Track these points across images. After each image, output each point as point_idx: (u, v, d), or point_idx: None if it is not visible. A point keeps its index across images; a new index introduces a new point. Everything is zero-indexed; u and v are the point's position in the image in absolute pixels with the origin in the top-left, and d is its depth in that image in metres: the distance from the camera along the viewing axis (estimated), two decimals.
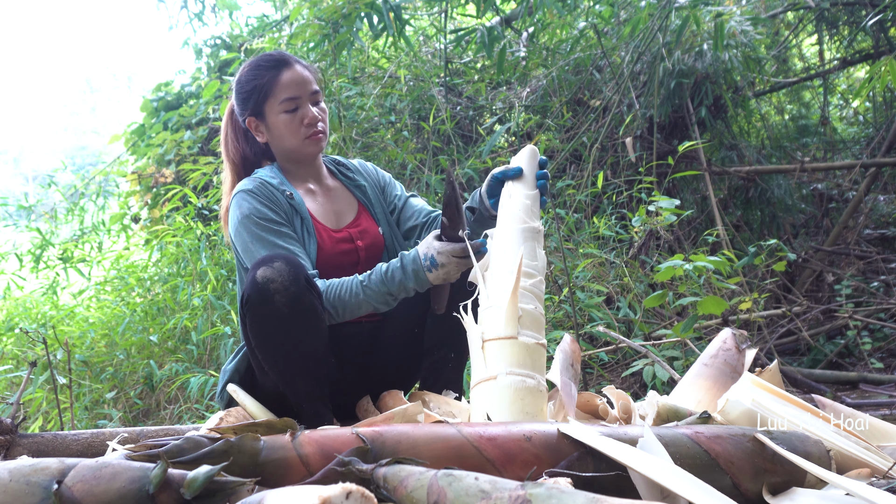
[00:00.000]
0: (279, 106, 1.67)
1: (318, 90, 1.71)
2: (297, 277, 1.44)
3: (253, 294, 1.44)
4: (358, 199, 1.83)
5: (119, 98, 27.04)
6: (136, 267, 3.88)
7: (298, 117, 1.68)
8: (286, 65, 1.68)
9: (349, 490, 0.75)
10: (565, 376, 1.46)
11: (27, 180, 19.73)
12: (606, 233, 3.32)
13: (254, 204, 1.62)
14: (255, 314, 1.47)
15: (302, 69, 1.69)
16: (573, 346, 1.58)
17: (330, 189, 1.82)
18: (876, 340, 3.41)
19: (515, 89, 4.44)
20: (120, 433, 1.56)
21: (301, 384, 1.52)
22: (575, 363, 1.54)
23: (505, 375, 1.29)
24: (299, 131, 1.68)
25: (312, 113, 1.68)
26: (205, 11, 5.57)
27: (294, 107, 1.67)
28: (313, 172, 1.80)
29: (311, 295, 1.48)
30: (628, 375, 2.70)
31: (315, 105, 1.70)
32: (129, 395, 3.10)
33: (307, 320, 1.47)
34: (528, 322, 1.37)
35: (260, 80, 1.67)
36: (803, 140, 5.28)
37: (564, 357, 1.52)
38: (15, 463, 0.87)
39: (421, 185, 3.82)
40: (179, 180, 4.71)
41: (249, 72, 1.70)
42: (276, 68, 1.67)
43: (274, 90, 1.66)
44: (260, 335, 1.50)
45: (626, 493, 0.91)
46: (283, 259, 1.45)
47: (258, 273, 1.43)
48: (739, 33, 3.80)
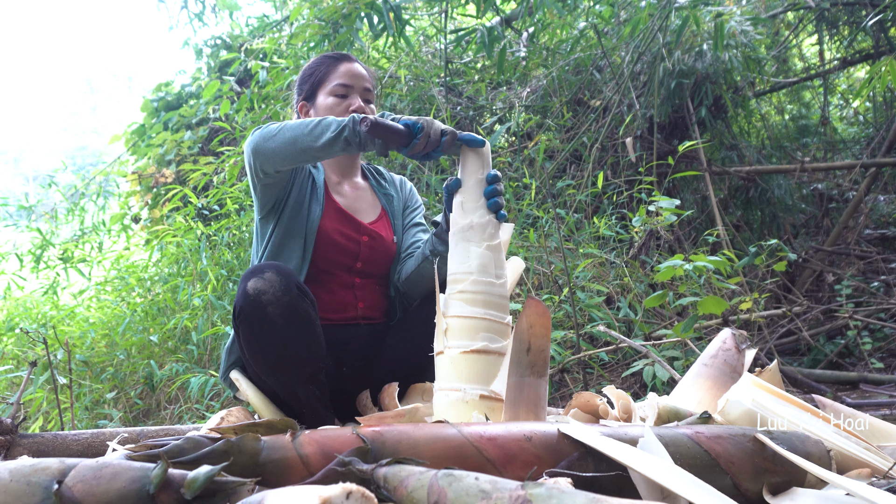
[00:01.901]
0: (331, 89, 1.73)
1: (372, 90, 1.78)
2: (289, 286, 1.43)
3: (245, 306, 1.42)
4: (382, 206, 1.85)
5: (119, 98, 27.08)
6: (136, 267, 3.88)
7: (345, 104, 1.73)
8: (348, 59, 1.77)
9: (349, 490, 0.75)
10: (514, 376, 1.27)
11: (27, 180, 19.74)
12: (607, 233, 3.32)
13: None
14: (248, 326, 1.45)
15: (361, 67, 1.78)
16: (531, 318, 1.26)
17: (358, 187, 1.84)
18: (876, 340, 3.41)
19: (515, 89, 4.44)
20: (120, 433, 1.56)
21: (300, 390, 1.52)
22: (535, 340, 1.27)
23: (437, 392, 1.35)
24: (343, 116, 1.66)
25: (360, 103, 1.73)
26: (205, 12, 5.56)
27: (344, 93, 1.73)
28: (346, 166, 1.83)
29: (305, 302, 1.47)
30: (628, 375, 2.70)
31: (366, 101, 1.76)
32: (129, 395, 3.10)
33: (302, 328, 1.46)
34: (456, 332, 1.34)
35: (319, 67, 1.76)
36: (803, 140, 5.28)
37: (518, 344, 1.28)
38: (15, 463, 0.87)
39: (421, 186, 3.82)
40: (180, 180, 4.71)
41: (313, 62, 1.80)
42: (338, 60, 1.77)
43: (330, 76, 1.74)
44: (255, 346, 1.49)
45: (627, 493, 0.91)
46: (274, 269, 1.43)
47: (249, 285, 1.41)
48: (739, 33, 3.80)
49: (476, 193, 1.43)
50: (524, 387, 1.26)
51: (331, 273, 1.71)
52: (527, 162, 3.93)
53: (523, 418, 1.24)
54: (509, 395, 1.27)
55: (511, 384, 1.27)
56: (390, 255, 1.80)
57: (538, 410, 1.26)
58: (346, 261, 1.72)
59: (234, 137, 4.13)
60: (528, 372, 1.27)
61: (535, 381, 1.27)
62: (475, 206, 1.42)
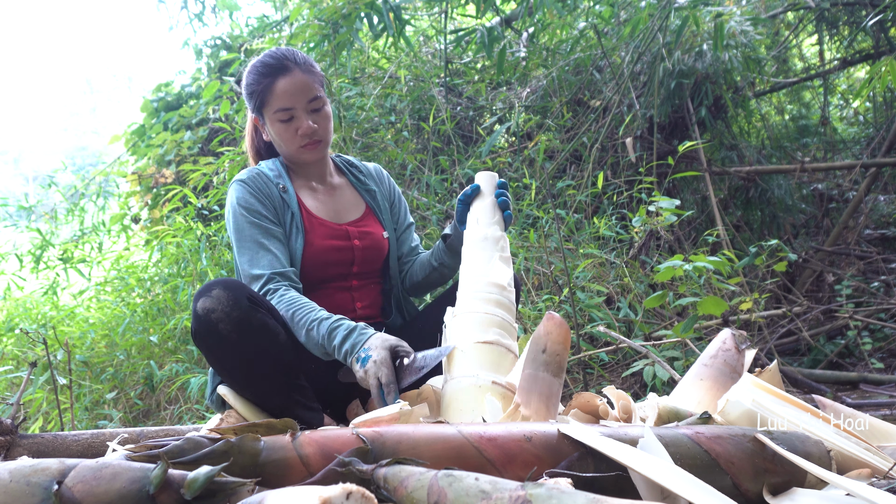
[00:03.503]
0: (274, 115, 1.65)
1: (319, 96, 1.66)
2: (238, 300, 1.40)
3: (198, 328, 1.40)
4: (366, 202, 1.83)
5: (119, 98, 27.08)
6: (136, 267, 3.88)
7: (293, 127, 1.65)
8: (283, 71, 1.63)
9: (349, 490, 0.75)
10: (528, 369, 1.31)
11: (27, 181, 19.74)
12: (607, 233, 3.32)
13: (244, 194, 1.64)
14: (206, 347, 1.44)
15: (302, 74, 1.64)
16: (549, 327, 1.33)
17: (335, 187, 1.81)
18: (876, 340, 3.41)
19: (515, 89, 4.44)
20: (120, 434, 1.56)
21: (277, 399, 1.49)
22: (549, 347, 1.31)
23: (448, 382, 1.41)
24: (293, 140, 1.67)
25: (307, 124, 1.64)
26: (205, 12, 5.57)
27: (288, 117, 1.64)
28: (316, 171, 1.79)
29: (258, 312, 1.43)
30: (628, 375, 2.70)
31: (315, 112, 1.66)
32: (129, 395, 3.10)
33: (260, 339, 1.43)
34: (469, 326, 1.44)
35: (257, 86, 1.65)
36: (803, 140, 5.28)
37: (535, 348, 1.33)
38: (15, 463, 0.87)
39: (421, 186, 3.82)
40: (179, 181, 4.71)
41: (250, 74, 1.67)
42: (272, 75, 1.63)
43: (269, 99, 1.64)
44: (219, 366, 1.48)
45: (627, 493, 0.90)
46: (221, 285, 1.41)
47: (198, 305, 1.39)
48: (739, 33, 3.80)
49: (490, 210, 1.59)
50: (538, 379, 1.28)
51: (328, 281, 1.72)
52: (527, 162, 3.93)
53: (535, 407, 1.24)
54: (522, 384, 1.28)
55: (525, 374, 1.29)
56: (383, 251, 1.79)
57: (549, 405, 1.27)
58: (342, 269, 1.73)
59: (233, 138, 4.13)
60: (542, 368, 1.29)
61: (549, 378, 1.28)
62: (490, 222, 1.58)
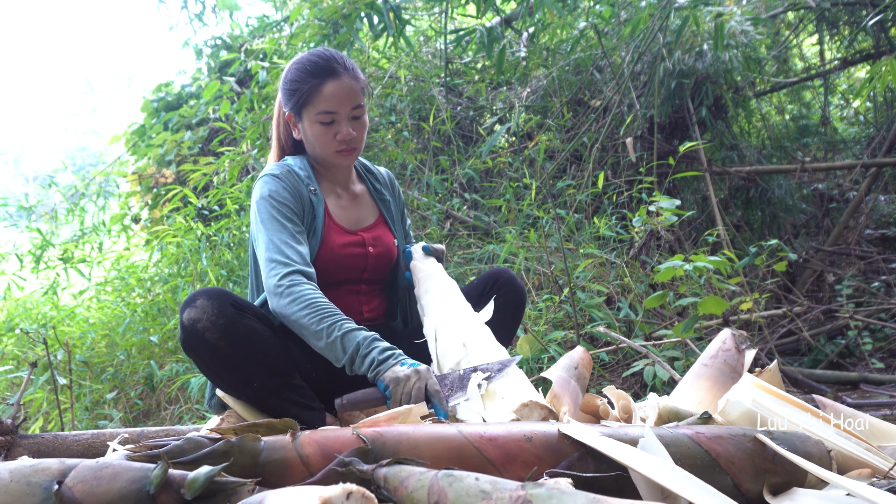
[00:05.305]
0: (316, 116, 1.63)
1: (362, 104, 1.65)
2: (222, 308, 1.40)
3: (186, 338, 1.41)
4: (380, 210, 1.85)
5: (119, 98, 27.11)
6: (136, 267, 3.88)
7: (332, 131, 1.64)
8: (333, 74, 1.61)
9: (350, 490, 0.75)
10: (563, 372, 1.50)
11: (27, 181, 19.76)
12: (607, 233, 3.32)
13: (278, 188, 1.62)
14: (196, 357, 1.44)
15: (349, 80, 1.63)
16: (583, 355, 1.61)
17: (356, 195, 1.83)
18: (877, 341, 3.40)
19: (516, 89, 4.44)
20: (120, 434, 1.56)
21: (273, 401, 1.50)
22: (581, 367, 1.56)
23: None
24: (331, 145, 1.65)
25: (347, 130, 1.64)
26: (205, 12, 5.58)
27: (330, 120, 1.63)
28: (342, 177, 1.80)
29: (244, 317, 1.44)
30: (629, 375, 2.70)
31: (355, 119, 1.66)
32: (129, 395, 3.10)
33: (249, 345, 1.43)
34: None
35: (303, 85, 1.62)
36: (804, 140, 5.27)
37: (569, 360, 1.57)
38: (15, 463, 0.87)
39: (421, 186, 3.82)
40: (180, 181, 4.72)
41: (296, 71, 1.64)
42: (320, 76, 1.61)
43: (314, 100, 1.62)
44: (211, 374, 1.49)
45: (627, 493, 0.90)
46: (204, 294, 1.41)
47: (184, 317, 1.40)
48: (739, 33, 3.80)
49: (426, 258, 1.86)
50: (570, 383, 1.47)
51: (339, 284, 1.73)
52: (527, 162, 3.93)
53: (568, 402, 1.41)
54: (558, 381, 1.45)
55: (559, 377, 1.47)
56: (392, 258, 1.82)
57: (575, 406, 1.44)
58: (355, 274, 1.75)
59: (233, 138, 4.13)
60: (574, 378, 1.51)
61: (577, 388, 1.49)
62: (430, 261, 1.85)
